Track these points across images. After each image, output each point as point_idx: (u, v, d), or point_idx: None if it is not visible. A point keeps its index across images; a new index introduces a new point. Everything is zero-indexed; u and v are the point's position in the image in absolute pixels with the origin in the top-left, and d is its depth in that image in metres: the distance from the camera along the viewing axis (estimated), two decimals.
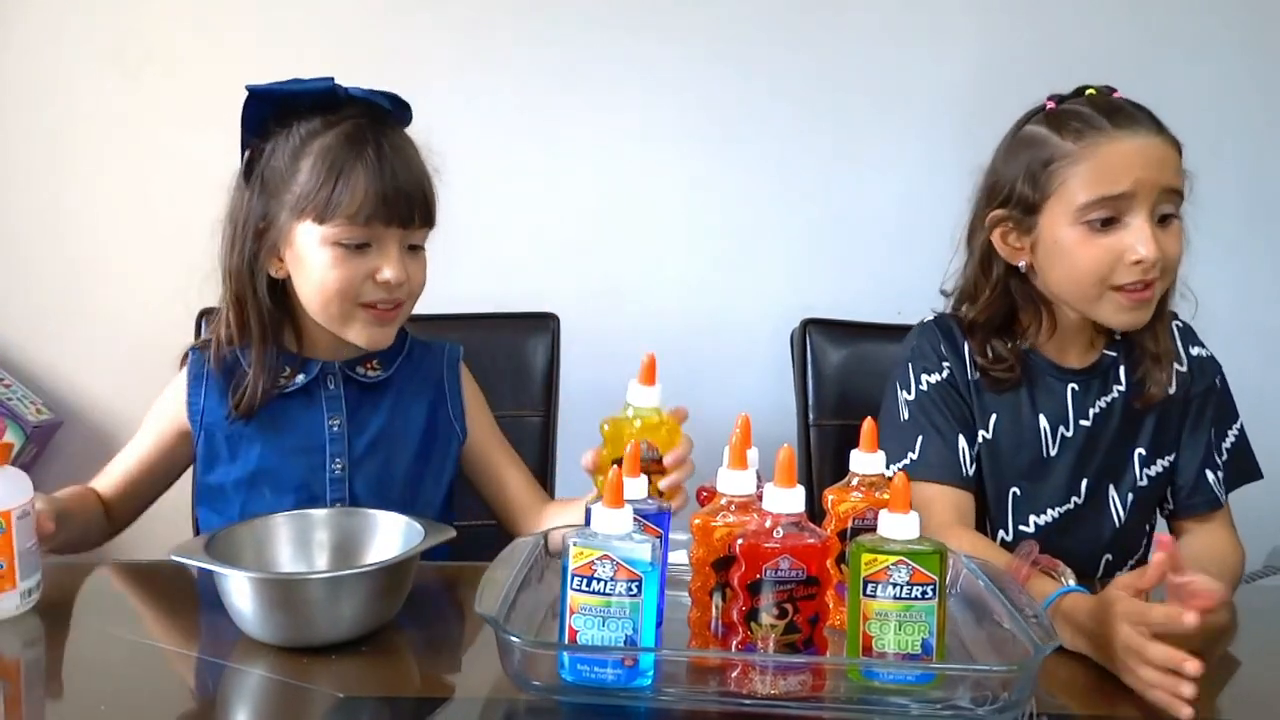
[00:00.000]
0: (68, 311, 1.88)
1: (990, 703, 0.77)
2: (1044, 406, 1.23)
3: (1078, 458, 1.22)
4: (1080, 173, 1.12)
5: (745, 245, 1.87)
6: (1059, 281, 1.17)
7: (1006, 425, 1.23)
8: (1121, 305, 1.14)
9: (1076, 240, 1.13)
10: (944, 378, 1.23)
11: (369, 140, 1.14)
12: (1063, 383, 1.23)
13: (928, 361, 1.24)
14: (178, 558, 0.91)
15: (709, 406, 1.72)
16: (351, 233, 1.12)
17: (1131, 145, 1.11)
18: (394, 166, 1.13)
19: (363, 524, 1.03)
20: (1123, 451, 1.24)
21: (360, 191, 1.11)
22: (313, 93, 1.15)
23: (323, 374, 1.22)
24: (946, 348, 1.24)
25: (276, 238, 1.16)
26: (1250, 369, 1.36)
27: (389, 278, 1.14)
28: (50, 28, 1.82)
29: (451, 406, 1.29)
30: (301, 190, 1.13)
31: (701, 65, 1.82)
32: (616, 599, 0.78)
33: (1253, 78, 1.81)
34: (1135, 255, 1.10)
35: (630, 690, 0.79)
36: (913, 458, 1.19)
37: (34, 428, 1.78)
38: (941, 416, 1.21)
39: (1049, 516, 1.23)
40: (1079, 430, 1.22)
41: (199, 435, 1.22)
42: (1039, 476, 1.23)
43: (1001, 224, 1.19)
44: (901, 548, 0.80)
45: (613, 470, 0.80)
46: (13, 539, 0.92)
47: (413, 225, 1.16)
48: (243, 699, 0.86)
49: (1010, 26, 1.81)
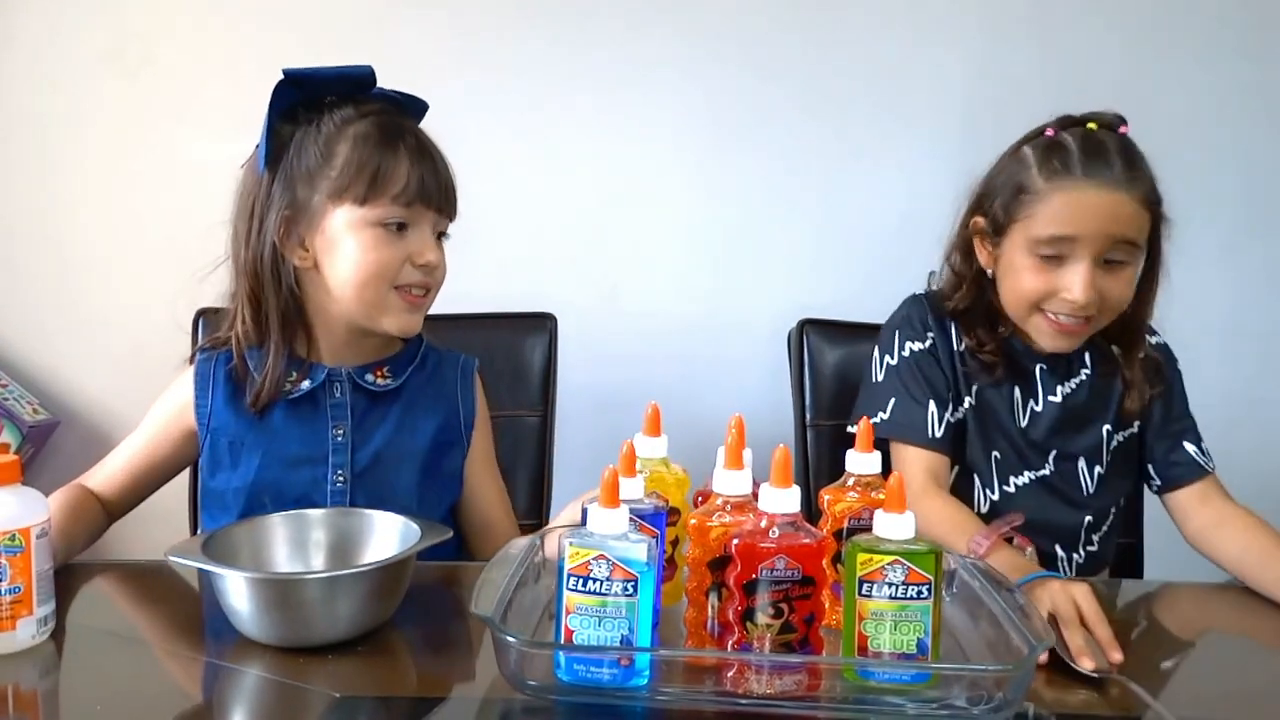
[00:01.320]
0: (64, 311, 1.88)
1: (985, 702, 0.77)
2: (1017, 379, 1.31)
3: (1046, 432, 1.30)
4: (1042, 210, 1.21)
5: (743, 245, 1.87)
6: (1004, 295, 1.28)
7: (989, 392, 1.31)
8: (1045, 331, 1.25)
9: (1026, 266, 1.23)
10: (925, 347, 1.32)
11: (406, 129, 1.18)
12: (1030, 362, 1.31)
13: (913, 330, 1.33)
14: (174, 558, 0.91)
15: (706, 406, 1.74)
16: (394, 213, 1.15)
17: (1092, 196, 1.19)
18: (432, 154, 1.18)
19: (359, 524, 1.03)
20: (1090, 428, 1.31)
21: (404, 173, 1.15)
22: (351, 77, 1.17)
23: (330, 380, 1.21)
24: (933, 319, 1.33)
25: (305, 224, 1.16)
26: (1246, 373, 1.37)
27: (430, 259, 1.17)
28: (49, 28, 1.82)
29: (464, 413, 1.28)
30: (340, 173, 1.14)
31: (700, 66, 1.83)
32: (613, 599, 0.78)
33: (1250, 81, 1.82)
34: (1069, 294, 1.20)
35: (626, 690, 0.79)
36: (883, 416, 1.29)
37: (30, 427, 1.78)
38: (915, 383, 1.30)
39: (1025, 479, 1.31)
40: (1048, 406, 1.30)
41: (205, 438, 1.21)
42: (1014, 443, 1.31)
43: (979, 231, 1.30)
44: (897, 547, 0.81)
45: (608, 471, 0.80)
46: (31, 559, 0.88)
47: (446, 211, 1.20)
48: (239, 699, 0.86)
49: (1012, 29, 1.81)
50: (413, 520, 1.00)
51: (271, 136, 1.16)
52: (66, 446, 1.88)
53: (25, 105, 1.84)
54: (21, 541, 0.87)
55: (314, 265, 1.17)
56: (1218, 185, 1.78)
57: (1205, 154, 1.75)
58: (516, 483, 1.49)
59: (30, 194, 1.86)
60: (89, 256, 1.87)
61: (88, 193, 1.86)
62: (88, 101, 1.83)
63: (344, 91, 1.18)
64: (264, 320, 1.18)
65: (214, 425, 1.21)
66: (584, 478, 1.15)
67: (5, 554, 0.86)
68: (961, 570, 0.94)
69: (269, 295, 1.18)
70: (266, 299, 1.18)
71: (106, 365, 1.88)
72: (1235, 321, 1.74)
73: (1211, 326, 1.35)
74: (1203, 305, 1.28)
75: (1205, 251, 1.37)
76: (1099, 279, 1.19)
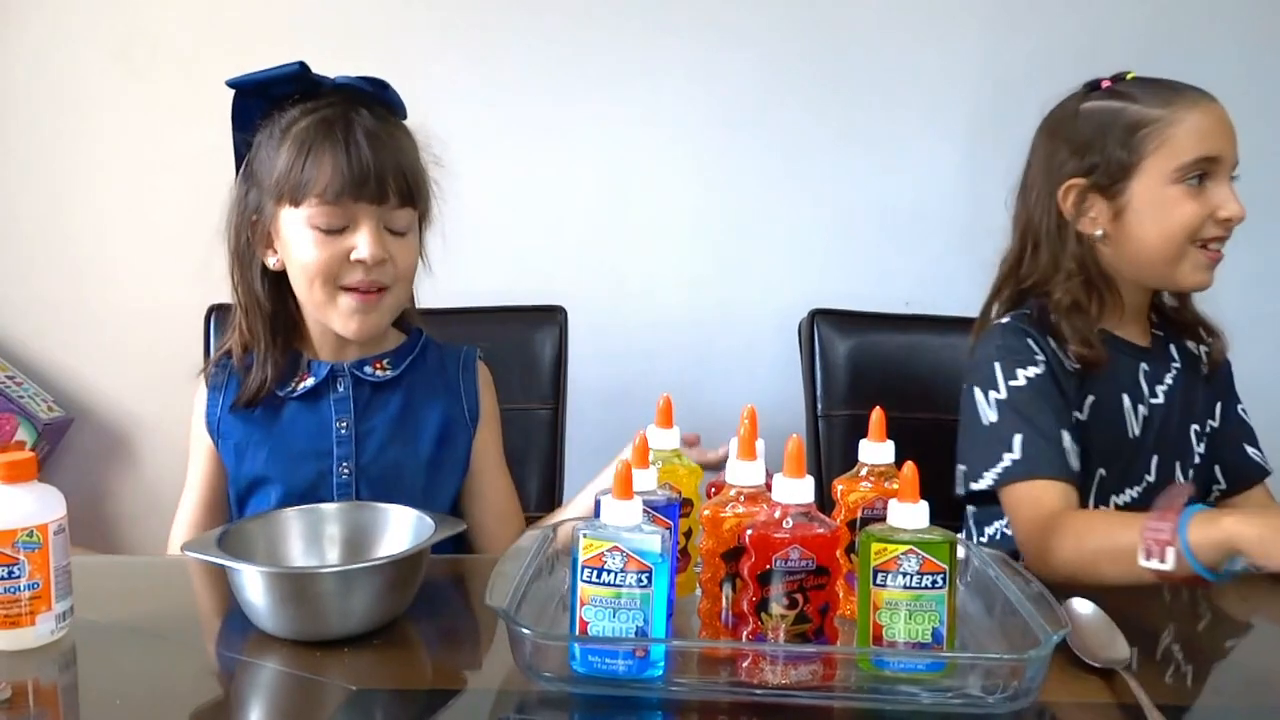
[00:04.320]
0: (78, 309, 1.89)
1: (1001, 691, 0.77)
2: (1125, 386, 1.23)
3: (1156, 437, 1.24)
4: (1179, 134, 1.16)
5: (753, 236, 1.87)
6: (1146, 241, 1.19)
7: (1099, 408, 1.22)
8: (1200, 264, 1.18)
9: (1175, 197, 1.16)
10: (1041, 371, 1.18)
11: (340, 121, 1.14)
12: (1135, 361, 1.24)
13: (1020, 356, 1.19)
14: (190, 553, 0.91)
15: (717, 397, 1.74)
16: (324, 211, 1.13)
17: (1217, 111, 1.18)
18: (364, 144, 1.12)
19: (373, 518, 1.03)
20: (1185, 428, 1.26)
21: (328, 169, 1.11)
22: (285, 78, 1.15)
23: (332, 376, 1.22)
24: (1036, 341, 1.20)
25: (267, 227, 1.17)
26: (1256, 360, 1.36)
27: (364, 255, 1.13)
28: (57, 27, 1.82)
29: (467, 403, 1.27)
30: (279, 176, 1.14)
31: (709, 57, 1.82)
32: (627, 590, 0.78)
33: (1255, 73, 1.80)
34: (1226, 212, 1.15)
35: (642, 681, 0.79)
36: (1014, 459, 1.14)
37: (45, 425, 1.80)
38: (1041, 412, 1.15)
39: (1127, 497, 1.23)
40: (1154, 409, 1.24)
41: (219, 445, 1.23)
42: (1122, 457, 1.23)
43: (1078, 194, 1.21)
44: (911, 537, 0.80)
45: (620, 462, 0.81)
46: (49, 555, 0.87)
47: (388, 203, 1.14)
48: (256, 692, 0.86)
49: (1018, 19, 1.80)
50: (426, 514, 1.00)
51: (239, 145, 1.18)
52: (81, 443, 1.90)
53: (35, 105, 1.85)
54: (39, 538, 0.87)
55: (284, 267, 1.19)
56: None
57: None
58: (528, 476, 1.49)
59: (42, 193, 1.87)
60: (101, 255, 1.88)
61: (99, 191, 1.87)
62: (98, 100, 1.84)
63: (292, 91, 1.16)
64: (255, 323, 1.20)
65: (223, 431, 1.22)
66: (594, 468, 1.15)
67: (24, 550, 0.87)
68: (976, 559, 0.94)
69: (255, 299, 1.20)
70: (253, 303, 1.20)
71: (120, 362, 1.89)
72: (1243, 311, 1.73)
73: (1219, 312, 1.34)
74: (1210, 292, 1.27)
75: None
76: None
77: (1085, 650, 0.87)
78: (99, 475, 1.84)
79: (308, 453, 1.21)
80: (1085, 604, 0.94)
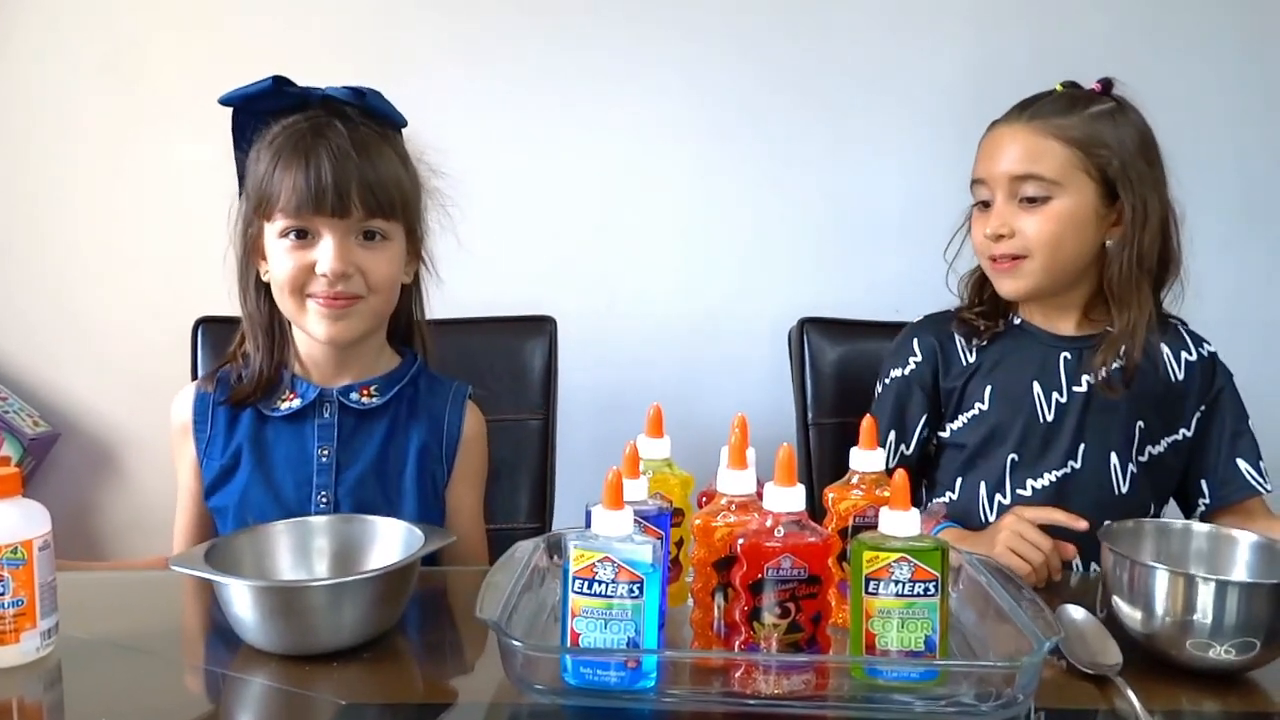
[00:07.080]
0: (64, 323, 1.87)
1: (994, 699, 0.77)
2: (1037, 374, 1.29)
3: (1077, 423, 1.26)
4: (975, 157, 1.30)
5: (742, 245, 1.87)
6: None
7: (1000, 396, 1.29)
8: (992, 271, 1.28)
9: (972, 217, 1.30)
10: (904, 374, 1.33)
11: (309, 134, 1.14)
12: (1055, 350, 1.29)
13: (897, 357, 1.35)
14: (177, 567, 0.90)
15: (708, 406, 1.74)
16: (288, 225, 1.15)
17: (994, 136, 1.27)
18: (326, 158, 1.12)
19: (362, 530, 1.03)
20: (1126, 422, 1.27)
21: (290, 183, 1.13)
22: (261, 93, 1.17)
23: (320, 400, 1.22)
24: (920, 343, 1.34)
25: (258, 240, 1.19)
26: (1245, 363, 1.37)
27: (324, 269, 1.14)
28: (44, 38, 1.81)
29: (447, 437, 1.25)
30: (254, 189, 1.17)
31: (698, 65, 1.82)
32: (618, 601, 0.78)
33: (1249, 72, 1.81)
34: (990, 232, 1.24)
35: (634, 692, 0.78)
36: None
37: (31, 440, 1.78)
38: (879, 411, 1.32)
39: (1045, 481, 1.27)
40: (1073, 396, 1.27)
41: (203, 461, 1.23)
42: (1035, 443, 1.27)
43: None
44: (903, 545, 0.80)
45: (611, 472, 0.80)
46: (34, 571, 0.87)
47: (350, 215, 1.14)
48: (245, 708, 0.85)
49: (1008, 23, 1.81)
50: (416, 526, 0.99)
51: (237, 160, 1.20)
52: (67, 459, 1.88)
53: (20, 116, 1.83)
54: (24, 554, 0.87)
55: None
56: (1217, 175, 1.78)
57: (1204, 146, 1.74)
58: (519, 486, 1.49)
59: (27, 205, 1.85)
60: (87, 268, 1.86)
61: (85, 204, 1.85)
62: (83, 112, 1.83)
63: (279, 105, 1.17)
64: (255, 332, 1.23)
65: (210, 450, 1.22)
66: (586, 480, 1.15)
67: (8, 567, 0.86)
68: (968, 566, 0.94)
69: (252, 309, 1.23)
70: (251, 313, 1.23)
71: (106, 377, 1.87)
72: (1235, 312, 1.74)
73: (1211, 315, 1.34)
74: (1202, 294, 1.28)
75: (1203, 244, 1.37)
76: (1009, 214, 1.26)
77: (1078, 657, 0.87)
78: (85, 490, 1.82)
79: (287, 481, 1.21)
80: (1078, 610, 0.94)
